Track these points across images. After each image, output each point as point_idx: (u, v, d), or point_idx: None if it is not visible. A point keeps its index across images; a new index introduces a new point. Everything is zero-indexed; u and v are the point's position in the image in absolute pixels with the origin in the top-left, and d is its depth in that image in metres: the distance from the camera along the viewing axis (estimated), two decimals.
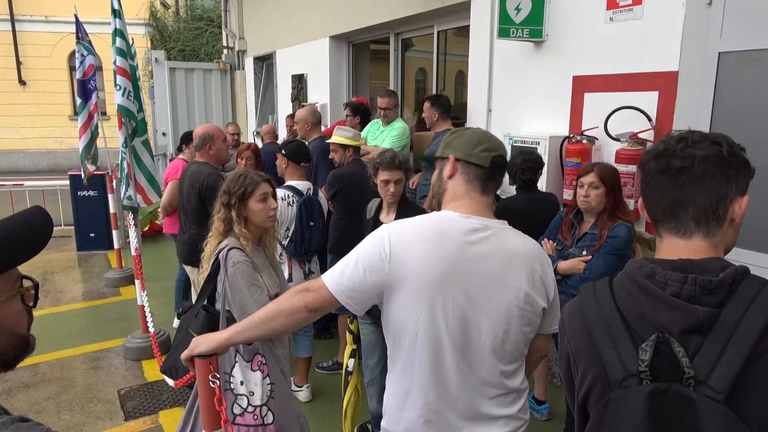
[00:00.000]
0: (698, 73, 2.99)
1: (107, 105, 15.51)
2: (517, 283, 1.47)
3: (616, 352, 1.01)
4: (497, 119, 4.40)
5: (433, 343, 1.44)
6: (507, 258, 1.47)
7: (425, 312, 1.43)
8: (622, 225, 2.74)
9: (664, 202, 1.06)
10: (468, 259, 1.44)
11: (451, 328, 1.43)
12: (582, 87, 3.66)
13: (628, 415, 0.97)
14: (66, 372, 4.23)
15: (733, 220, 1.04)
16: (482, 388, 1.49)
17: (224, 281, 2.17)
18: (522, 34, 3.84)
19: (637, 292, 1.03)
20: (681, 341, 0.95)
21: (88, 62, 5.78)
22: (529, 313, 1.49)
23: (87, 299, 5.83)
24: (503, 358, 1.49)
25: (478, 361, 1.47)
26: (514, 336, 1.49)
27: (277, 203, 2.41)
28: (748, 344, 0.91)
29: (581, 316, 1.11)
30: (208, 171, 3.65)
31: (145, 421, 3.57)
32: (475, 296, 1.44)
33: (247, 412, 2.11)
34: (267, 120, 9.42)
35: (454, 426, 1.49)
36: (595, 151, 3.52)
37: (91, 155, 6.05)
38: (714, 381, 0.91)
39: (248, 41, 9.94)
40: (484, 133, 1.60)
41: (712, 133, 1.05)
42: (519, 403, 1.57)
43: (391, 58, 6.29)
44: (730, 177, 1.02)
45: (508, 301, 1.46)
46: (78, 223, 7.50)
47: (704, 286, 0.96)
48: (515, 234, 1.54)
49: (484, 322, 1.45)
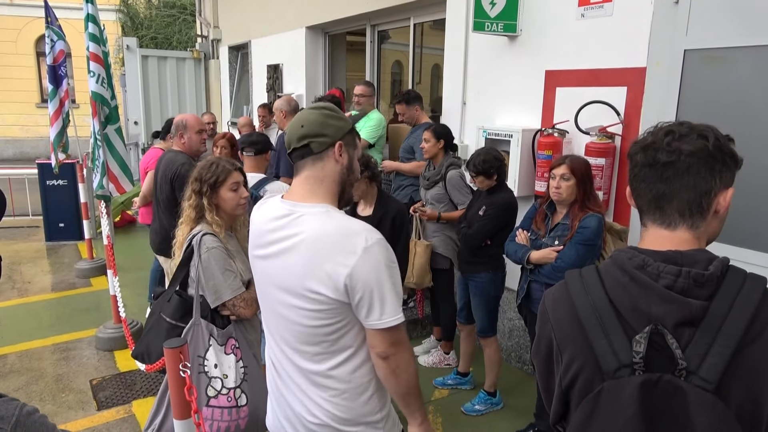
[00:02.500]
0: (665, 70, 3.09)
1: (77, 93, 15.18)
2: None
3: (608, 342, 1.03)
4: (471, 112, 4.46)
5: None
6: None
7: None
8: (592, 216, 2.81)
9: (649, 194, 1.09)
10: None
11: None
12: (554, 81, 3.74)
13: (621, 406, 0.99)
14: (36, 363, 4.17)
15: (717, 212, 1.07)
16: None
17: (198, 266, 2.18)
18: (496, 28, 3.90)
19: (628, 282, 1.04)
20: (674, 333, 0.98)
21: (59, 48, 5.65)
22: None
23: (57, 290, 5.73)
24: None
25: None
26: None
27: (248, 192, 2.43)
28: (736, 336, 0.95)
29: (569, 305, 1.11)
30: (182, 161, 3.62)
31: (118, 411, 3.55)
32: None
33: (221, 394, 2.14)
34: (242, 110, 9.34)
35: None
36: (565, 144, 3.61)
37: (63, 143, 5.93)
38: (704, 371, 0.95)
39: (223, 30, 9.81)
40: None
41: (699, 126, 1.07)
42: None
43: (368, 50, 6.30)
44: (715, 171, 1.04)
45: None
46: (47, 212, 7.33)
47: (697, 279, 0.98)
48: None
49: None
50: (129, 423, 3.42)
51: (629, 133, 3.29)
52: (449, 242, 3.89)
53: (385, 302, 1.46)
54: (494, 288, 3.45)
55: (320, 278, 1.45)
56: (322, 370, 1.54)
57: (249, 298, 2.26)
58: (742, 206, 2.76)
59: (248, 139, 3.61)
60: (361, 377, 1.56)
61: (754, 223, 2.76)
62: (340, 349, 1.53)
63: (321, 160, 1.55)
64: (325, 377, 1.54)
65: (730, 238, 2.77)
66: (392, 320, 1.46)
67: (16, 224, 8.11)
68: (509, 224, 3.35)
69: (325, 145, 1.53)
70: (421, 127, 4.30)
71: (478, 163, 3.30)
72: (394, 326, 1.47)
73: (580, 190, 2.85)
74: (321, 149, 1.54)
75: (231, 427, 2.14)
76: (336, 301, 1.46)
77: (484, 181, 3.35)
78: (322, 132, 1.53)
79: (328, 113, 1.56)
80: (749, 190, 2.74)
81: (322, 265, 1.44)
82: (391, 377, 1.52)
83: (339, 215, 1.54)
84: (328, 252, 1.45)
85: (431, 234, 3.94)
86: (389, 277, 1.47)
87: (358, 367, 1.55)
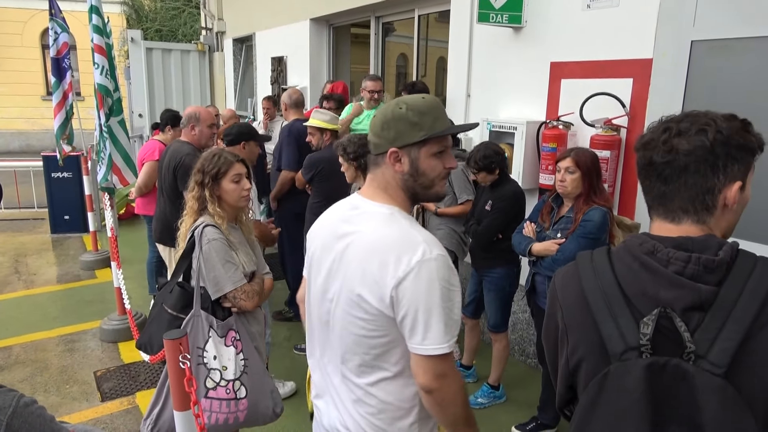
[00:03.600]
0: (671, 61, 3.05)
1: (81, 86, 15.22)
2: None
3: (615, 325, 1.02)
4: (476, 104, 4.43)
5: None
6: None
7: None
8: (596, 209, 2.76)
9: (652, 192, 1.08)
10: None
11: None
12: (559, 73, 3.70)
13: (627, 388, 0.98)
14: (41, 354, 4.19)
15: (727, 206, 1.03)
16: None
17: (199, 258, 2.18)
18: (501, 19, 3.86)
19: (638, 267, 1.03)
20: (682, 317, 0.97)
21: (62, 40, 5.66)
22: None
23: (62, 282, 5.76)
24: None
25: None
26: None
27: (251, 184, 2.42)
28: (747, 320, 0.93)
29: (577, 287, 1.10)
30: (187, 151, 3.63)
31: (122, 402, 3.56)
32: None
33: (220, 386, 2.13)
34: (246, 102, 9.33)
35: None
36: (570, 137, 3.58)
37: (66, 135, 5.95)
38: (714, 356, 0.94)
39: (227, 22, 9.79)
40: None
41: (703, 117, 1.02)
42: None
43: (372, 42, 6.27)
44: (718, 167, 1.00)
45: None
46: (52, 205, 7.35)
47: (707, 265, 0.97)
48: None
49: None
50: (133, 414, 3.44)
51: (635, 125, 3.25)
52: (454, 235, 3.87)
53: (430, 326, 1.30)
54: (509, 283, 3.43)
55: (369, 285, 1.34)
56: (362, 383, 1.42)
57: (250, 290, 2.25)
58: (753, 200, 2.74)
59: (226, 130, 3.62)
60: (403, 401, 1.42)
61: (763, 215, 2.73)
62: (384, 364, 1.40)
63: (379, 165, 1.44)
64: (365, 392, 1.42)
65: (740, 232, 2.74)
66: (435, 348, 1.30)
67: (22, 216, 8.14)
68: (519, 215, 3.32)
69: (379, 149, 1.41)
70: None
71: (479, 159, 3.28)
72: (438, 356, 1.31)
73: (585, 183, 2.81)
74: (377, 152, 1.42)
75: (230, 419, 2.14)
76: (380, 312, 1.34)
77: (486, 176, 3.32)
78: (380, 133, 1.40)
79: (400, 112, 1.37)
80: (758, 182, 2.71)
81: (372, 272, 1.33)
82: (435, 409, 1.38)
83: (403, 220, 1.41)
84: (380, 258, 1.33)
85: (435, 227, 3.92)
86: (441, 300, 1.31)
87: (401, 389, 1.42)
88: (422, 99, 1.40)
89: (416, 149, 1.38)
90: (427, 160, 1.39)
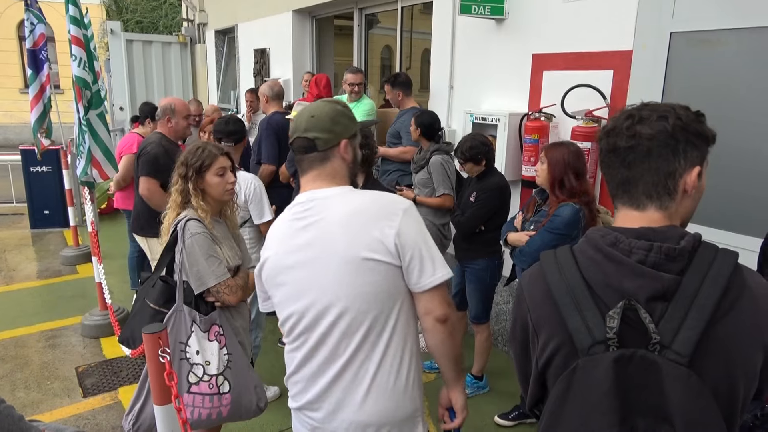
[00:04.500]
0: (651, 53, 3.08)
1: (60, 78, 14.95)
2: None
3: (582, 319, 1.02)
4: (459, 96, 4.44)
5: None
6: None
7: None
8: (568, 206, 2.69)
9: (616, 178, 1.10)
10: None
11: None
12: (541, 65, 3.72)
13: (595, 382, 0.99)
14: (21, 350, 4.13)
15: (686, 192, 1.06)
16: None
17: (182, 252, 2.16)
18: (483, 11, 3.86)
19: (601, 259, 1.04)
20: (647, 308, 0.98)
21: (39, 31, 5.54)
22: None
23: (42, 277, 5.68)
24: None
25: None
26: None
27: (235, 177, 2.40)
28: (708, 309, 0.95)
29: (544, 285, 1.11)
30: (153, 140, 3.62)
31: (104, 398, 3.54)
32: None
33: (203, 381, 2.12)
34: (229, 95, 9.24)
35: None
36: (552, 129, 3.60)
37: (44, 129, 5.84)
38: (678, 345, 0.95)
39: (209, 14, 9.66)
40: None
41: (661, 106, 1.06)
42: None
43: (355, 34, 6.24)
44: (678, 152, 1.04)
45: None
46: (31, 199, 7.24)
47: (668, 253, 0.99)
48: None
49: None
50: (115, 410, 3.41)
51: None
52: (432, 228, 3.88)
53: (435, 258, 1.50)
54: (490, 275, 3.45)
55: (369, 245, 1.46)
56: (361, 360, 1.53)
57: (234, 284, 2.24)
58: (726, 188, 2.78)
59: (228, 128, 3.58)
60: (403, 369, 1.55)
61: (738, 205, 2.77)
62: (384, 337, 1.52)
63: (328, 159, 1.57)
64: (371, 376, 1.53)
65: (712, 221, 2.79)
66: (445, 274, 1.50)
67: (0, 211, 8.00)
68: (503, 208, 3.34)
69: (330, 142, 1.56)
70: (407, 112, 4.27)
71: (466, 150, 3.28)
72: (444, 283, 1.51)
73: (550, 176, 2.74)
74: (328, 146, 1.56)
75: (212, 414, 2.14)
76: (389, 266, 1.47)
77: (473, 167, 3.33)
78: (331, 128, 1.56)
79: (341, 110, 1.60)
80: (734, 172, 2.75)
81: (370, 233, 1.47)
82: (448, 339, 1.55)
83: (362, 191, 1.62)
84: (372, 219, 1.48)
85: None
86: (430, 237, 1.54)
87: (401, 361, 1.55)
88: (337, 101, 1.66)
89: (353, 141, 1.63)
90: (357, 150, 1.66)
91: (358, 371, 1.52)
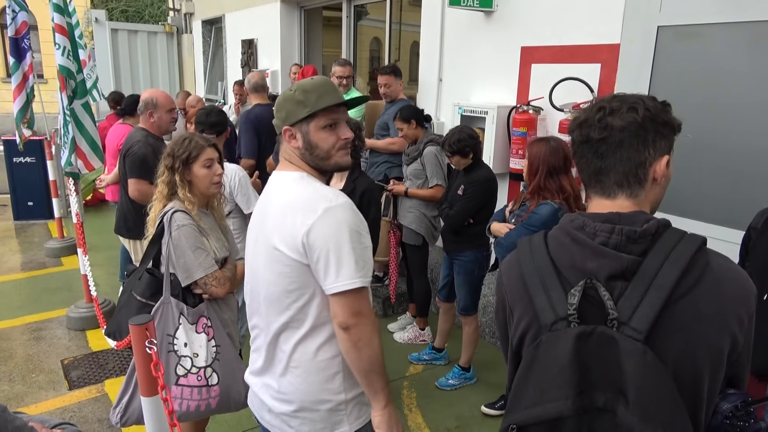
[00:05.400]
0: (638, 47, 3.10)
1: (44, 68, 14.69)
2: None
3: (547, 297, 1.08)
4: (447, 89, 4.44)
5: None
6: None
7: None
8: (547, 204, 2.69)
9: (588, 169, 1.14)
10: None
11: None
12: (529, 58, 3.72)
13: (557, 356, 1.03)
14: (4, 343, 4.09)
15: (656, 180, 1.10)
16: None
17: (168, 244, 2.15)
18: (473, 3, 3.86)
19: (569, 242, 1.09)
20: (607, 286, 1.03)
21: (21, 19, 5.44)
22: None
23: (26, 269, 5.61)
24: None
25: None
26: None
27: (222, 169, 2.38)
28: (666, 288, 0.98)
29: (517, 268, 1.17)
30: (138, 137, 3.45)
31: (90, 390, 3.51)
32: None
33: (191, 373, 2.12)
34: (216, 86, 9.15)
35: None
36: (540, 122, 3.62)
37: (27, 119, 5.74)
38: (635, 322, 0.99)
39: (196, 3, 9.55)
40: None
41: (631, 98, 1.10)
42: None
43: (344, 26, 6.20)
44: (648, 142, 1.08)
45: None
46: (14, 191, 7.13)
47: (629, 235, 1.03)
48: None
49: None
50: (101, 402, 3.39)
51: None
52: (423, 219, 3.89)
53: (342, 263, 1.42)
54: (478, 266, 3.47)
55: (283, 237, 1.47)
56: (286, 349, 1.57)
57: (222, 276, 2.23)
58: (711, 181, 2.81)
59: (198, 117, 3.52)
60: (324, 355, 1.55)
61: (723, 197, 2.81)
62: (304, 320, 1.52)
63: (281, 143, 1.61)
64: (288, 355, 1.57)
65: (696, 214, 2.82)
66: (348, 284, 1.43)
67: None
68: (491, 200, 3.36)
69: (278, 129, 1.58)
70: (396, 104, 4.26)
71: (453, 142, 3.29)
72: (353, 293, 1.44)
73: (530, 171, 2.76)
74: (278, 132, 1.59)
75: (201, 406, 2.13)
76: (295, 261, 1.46)
77: (460, 160, 3.34)
78: (276, 115, 1.58)
79: (289, 94, 1.54)
80: (720, 165, 2.78)
81: (286, 225, 1.47)
82: (352, 350, 1.47)
83: (312, 181, 1.56)
84: (292, 212, 1.47)
85: (407, 210, 3.93)
86: (350, 240, 1.44)
87: (320, 346, 1.54)
88: (311, 80, 1.56)
89: (305, 125, 1.52)
90: (317, 134, 1.53)
91: (275, 352, 1.60)
